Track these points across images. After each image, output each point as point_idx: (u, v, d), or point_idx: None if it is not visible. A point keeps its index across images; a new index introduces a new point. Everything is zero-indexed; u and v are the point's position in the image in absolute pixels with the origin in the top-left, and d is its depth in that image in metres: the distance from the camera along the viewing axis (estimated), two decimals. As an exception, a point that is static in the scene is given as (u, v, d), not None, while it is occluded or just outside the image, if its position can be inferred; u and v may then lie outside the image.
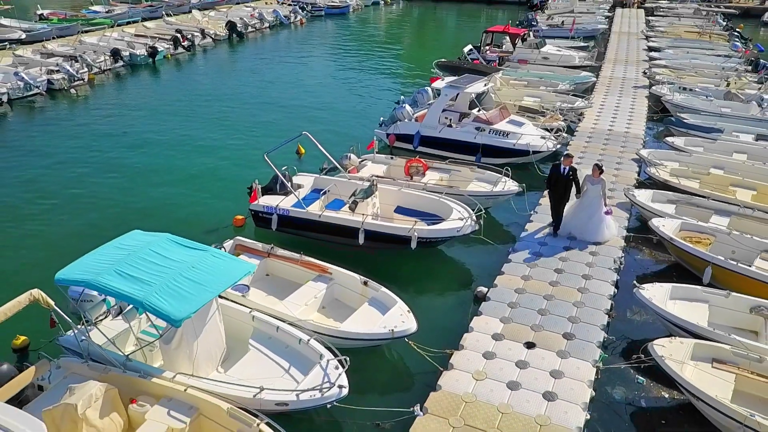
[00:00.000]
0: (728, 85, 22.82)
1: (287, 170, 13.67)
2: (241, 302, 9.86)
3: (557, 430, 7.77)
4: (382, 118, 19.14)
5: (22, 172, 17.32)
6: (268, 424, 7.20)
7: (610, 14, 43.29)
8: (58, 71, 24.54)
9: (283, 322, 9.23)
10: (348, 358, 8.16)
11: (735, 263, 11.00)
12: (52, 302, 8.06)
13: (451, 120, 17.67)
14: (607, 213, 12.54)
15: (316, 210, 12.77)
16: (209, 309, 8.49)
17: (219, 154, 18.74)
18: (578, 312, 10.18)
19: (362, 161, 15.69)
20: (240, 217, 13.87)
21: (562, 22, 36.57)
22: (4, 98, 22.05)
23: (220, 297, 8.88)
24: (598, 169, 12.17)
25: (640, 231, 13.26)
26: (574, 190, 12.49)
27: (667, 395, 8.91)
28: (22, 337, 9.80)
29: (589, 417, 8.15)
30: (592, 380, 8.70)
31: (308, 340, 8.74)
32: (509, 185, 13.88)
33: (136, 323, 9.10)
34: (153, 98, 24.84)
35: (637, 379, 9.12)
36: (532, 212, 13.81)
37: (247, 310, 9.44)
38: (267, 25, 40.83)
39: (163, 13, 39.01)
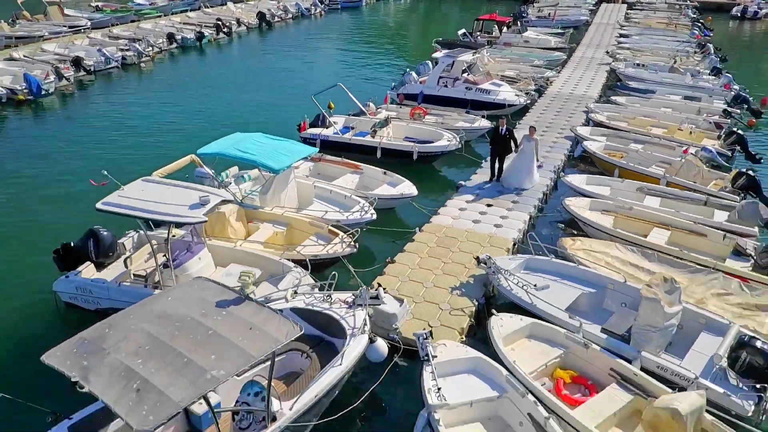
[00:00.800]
0: (675, 62, 27.96)
1: (326, 112, 19.08)
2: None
3: (500, 239, 13.11)
4: (393, 83, 24.49)
5: (148, 108, 24.18)
6: (333, 226, 12.56)
7: (594, 8, 48.40)
8: (128, 50, 30.10)
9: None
10: (377, 198, 13.55)
11: (633, 165, 16.33)
12: (202, 163, 13.44)
13: (447, 82, 22.96)
14: (539, 166, 16.04)
15: (348, 136, 18.17)
16: (289, 175, 13.89)
17: (269, 104, 24.63)
18: (525, 193, 15.49)
19: (378, 109, 21.07)
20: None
21: (549, 13, 41.79)
22: (91, 69, 27.65)
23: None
24: (533, 129, 15.57)
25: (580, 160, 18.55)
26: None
27: (575, 231, 14.16)
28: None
29: (521, 236, 13.49)
30: (526, 220, 14.06)
31: (351, 195, 14.14)
32: (483, 123, 19.27)
33: (243, 187, 14.50)
34: (209, 69, 31.17)
35: (557, 225, 14.48)
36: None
37: (310, 182, 14.84)
38: (290, 15, 46.43)
39: (201, 5, 44.66)
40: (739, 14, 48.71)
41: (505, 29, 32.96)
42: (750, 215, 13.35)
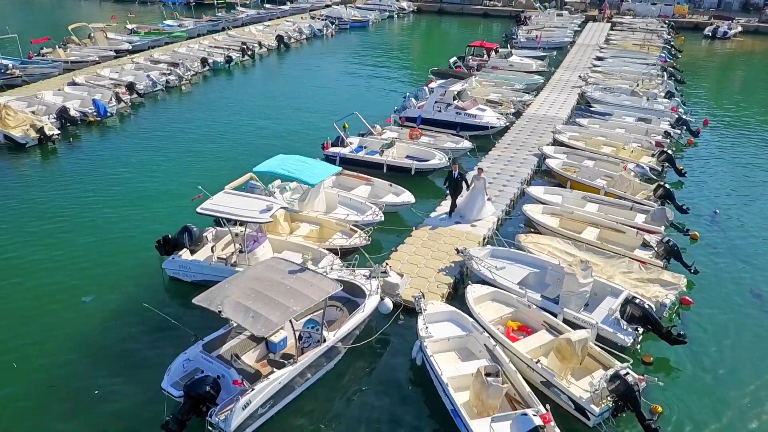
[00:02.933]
0: (637, 86, 32.69)
1: (344, 133, 23.98)
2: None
3: (474, 235, 17.89)
4: (396, 107, 29.32)
5: (194, 126, 29.08)
6: (354, 225, 17.39)
7: (579, 28, 53.07)
8: (170, 74, 35.00)
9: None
10: (384, 204, 18.42)
11: (580, 178, 21.15)
12: (257, 178, 18.28)
13: (441, 107, 27.76)
14: (488, 200, 19.22)
15: (361, 154, 23.08)
16: (320, 187, 18.74)
17: (294, 123, 29.59)
18: (495, 198, 20.30)
19: (383, 130, 25.94)
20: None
21: (536, 36, 46.56)
22: (142, 92, 32.56)
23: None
24: (480, 170, 19.03)
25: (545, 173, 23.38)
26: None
27: (532, 230, 18.94)
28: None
29: (490, 234, 18.31)
30: (495, 221, 18.87)
31: (365, 202, 19.00)
32: (465, 144, 24.14)
33: (285, 196, 19.36)
34: (238, 91, 36.16)
35: (519, 225, 19.31)
36: (483, 156, 23.95)
37: (334, 191, 19.70)
38: (305, 36, 51.27)
39: (223, 27, 49.63)
40: (710, 34, 53.43)
41: (493, 54, 37.83)
42: (659, 218, 18.19)
